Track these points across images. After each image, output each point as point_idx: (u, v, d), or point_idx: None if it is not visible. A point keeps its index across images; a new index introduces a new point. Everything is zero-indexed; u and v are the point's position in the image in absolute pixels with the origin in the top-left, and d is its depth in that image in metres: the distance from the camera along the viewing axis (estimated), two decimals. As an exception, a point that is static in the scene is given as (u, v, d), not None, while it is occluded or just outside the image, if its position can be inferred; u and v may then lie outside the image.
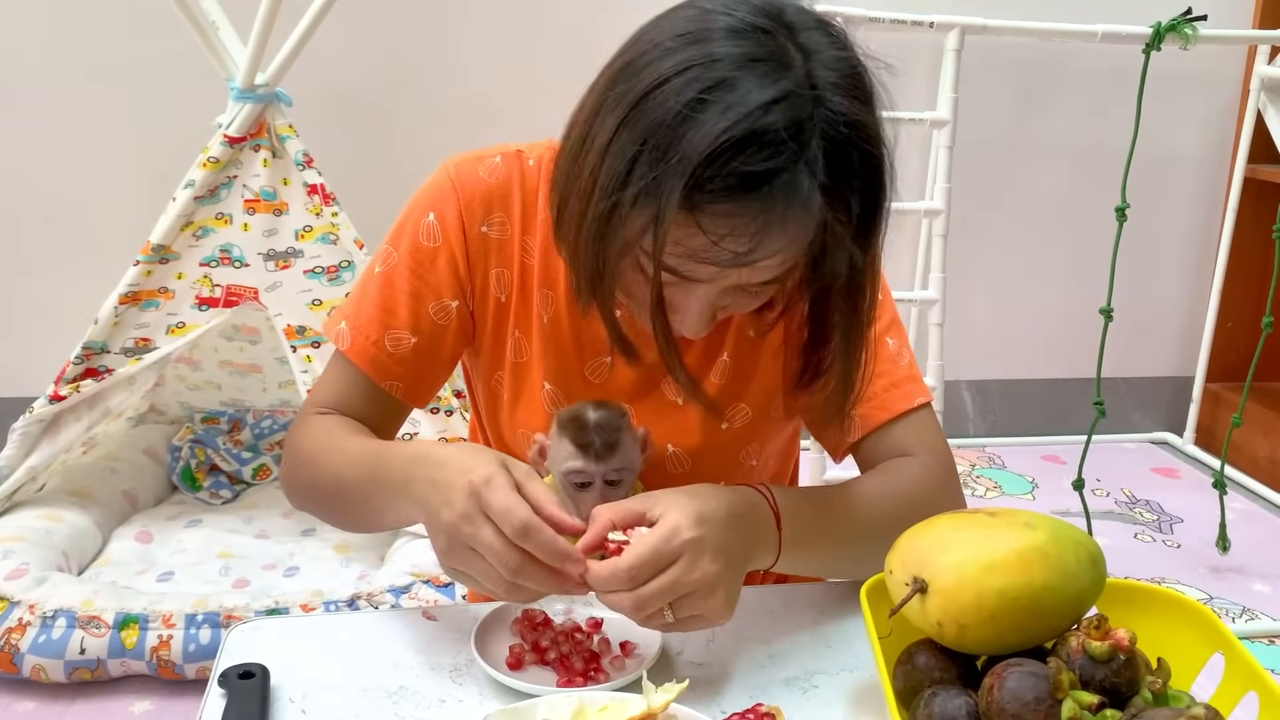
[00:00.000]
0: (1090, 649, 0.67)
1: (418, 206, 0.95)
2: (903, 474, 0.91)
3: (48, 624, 1.67)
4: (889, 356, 0.95)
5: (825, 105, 0.72)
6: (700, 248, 0.73)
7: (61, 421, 1.90)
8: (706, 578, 0.72)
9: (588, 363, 0.96)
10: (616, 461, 0.86)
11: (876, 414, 0.94)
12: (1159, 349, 2.98)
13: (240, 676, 0.77)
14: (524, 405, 0.98)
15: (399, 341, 0.92)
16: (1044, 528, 0.72)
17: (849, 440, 0.95)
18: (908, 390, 0.94)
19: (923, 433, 0.94)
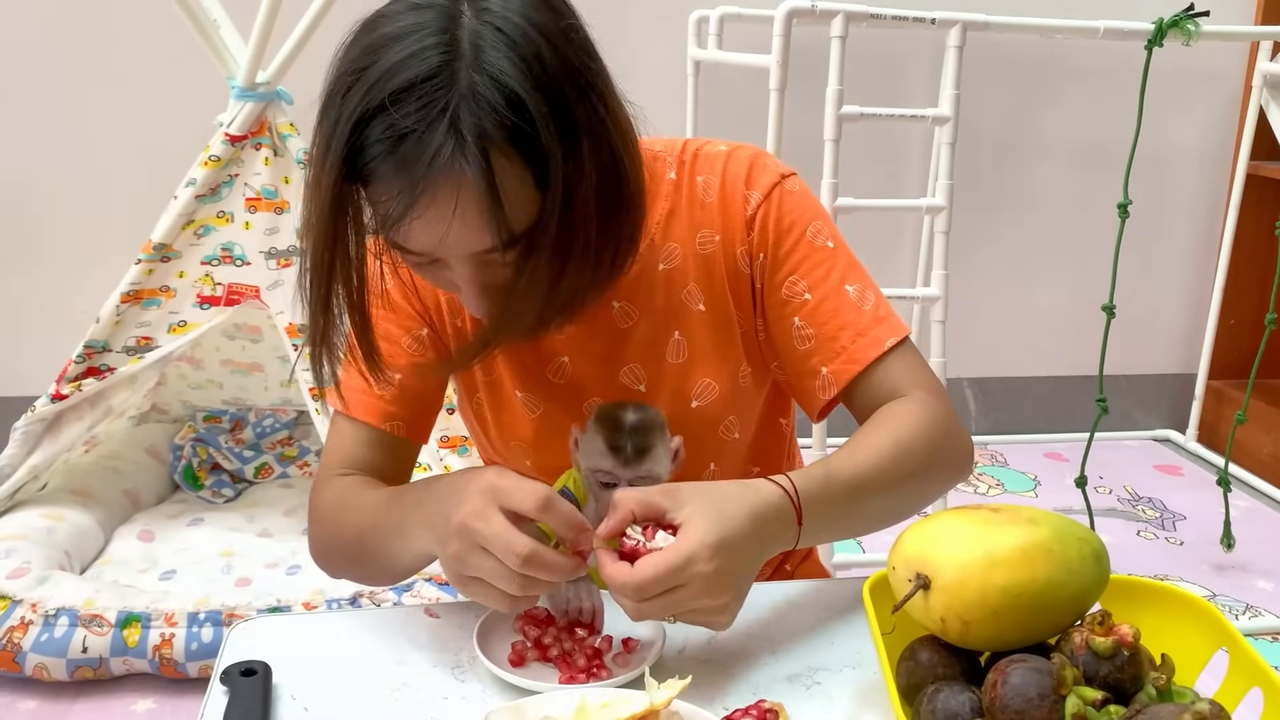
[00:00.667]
0: (1094, 645, 0.67)
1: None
2: (894, 422, 0.89)
3: (50, 623, 1.67)
4: (851, 305, 0.93)
5: (475, 64, 0.72)
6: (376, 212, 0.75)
7: (63, 420, 1.90)
8: (714, 604, 0.73)
9: (546, 365, 0.97)
10: (644, 469, 0.86)
11: (848, 368, 0.92)
12: (1161, 346, 2.97)
13: (242, 674, 0.77)
14: (506, 418, 0.99)
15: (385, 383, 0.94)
16: (1047, 524, 0.72)
17: (822, 398, 0.95)
18: (875, 335, 0.93)
19: (906, 370, 0.93)
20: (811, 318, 0.93)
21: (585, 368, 0.97)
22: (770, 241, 0.94)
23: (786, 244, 0.94)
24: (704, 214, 0.95)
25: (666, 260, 0.95)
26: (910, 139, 2.68)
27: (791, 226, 0.94)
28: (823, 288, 0.93)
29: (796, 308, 0.94)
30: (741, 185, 0.95)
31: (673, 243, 0.95)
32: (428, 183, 0.71)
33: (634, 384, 0.97)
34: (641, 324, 0.96)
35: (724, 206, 0.95)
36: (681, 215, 0.95)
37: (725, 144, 0.98)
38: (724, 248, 0.95)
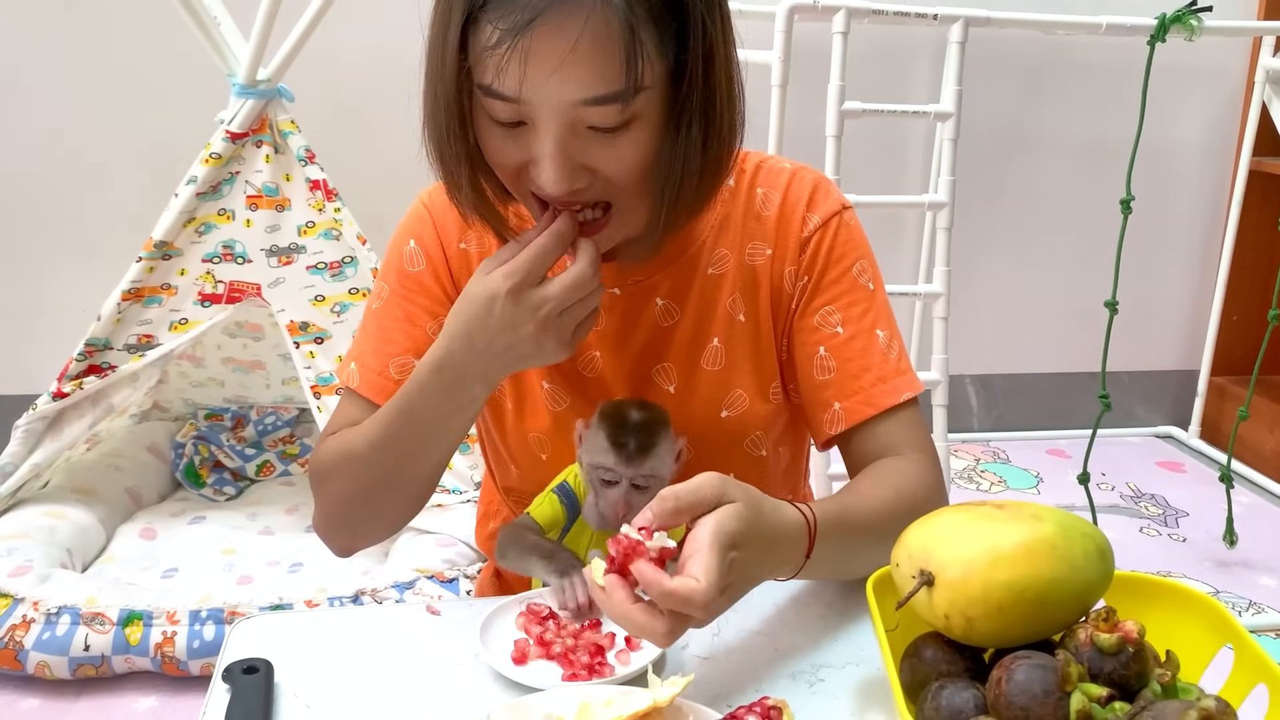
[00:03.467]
0: (1098, 641, 0.67)
1: (399, 238, 0.98)
2: (897, 478, 0.91)
3: (52, 621, 1.67)
4: (879, 350, 0.94)
5: None
6: (490, 44, 0.73)
7: (64, 419, 1.90)
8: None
9: (578, 359, 0.96)
10: (647, 467, 0.86)
11: (862, 409, 0.93)
12: (1163, 342, 2.97)
13: (244, 672, 0.77)
14: (528, 410, 0.98)
15: (403, 367, 0.94)
16: (1051, 520, 0.71)
17: (828, 431, 0.95)
18: (895, 385, 0.94)
19: (909, 430, 0.94)
20: (838, 352, 0.94)
21: (619, 363, 0.96)
22: (818, 268, 0.94)
23: (832, 274, 0.94)
24: (759, 226, 0.95)
25: (716, 265, 0.95)
26: (912, 136, 2.68)
27: (840, 258, 0.94)
28: (855, 325, 0.94)
29: (825, 338, 0.94)
30: (803, 206, 0.95)
31: (723, 249, 0.95)
32: (560, 12, 0.70)
33: (665, 384, 0.96)
34: (683, 324, 0.95)
35: (781, 223, 0.95)
36: (735, 223, 0.95)
37: (789, 162, 0.99)
38: (773, 263, 0.95)
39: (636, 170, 0.79)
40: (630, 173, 0.79)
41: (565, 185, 0.77)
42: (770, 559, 0.75)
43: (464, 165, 0.81)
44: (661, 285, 0.94)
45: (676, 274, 0.94)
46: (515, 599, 0.86)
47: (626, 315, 0.94)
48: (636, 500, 0.86)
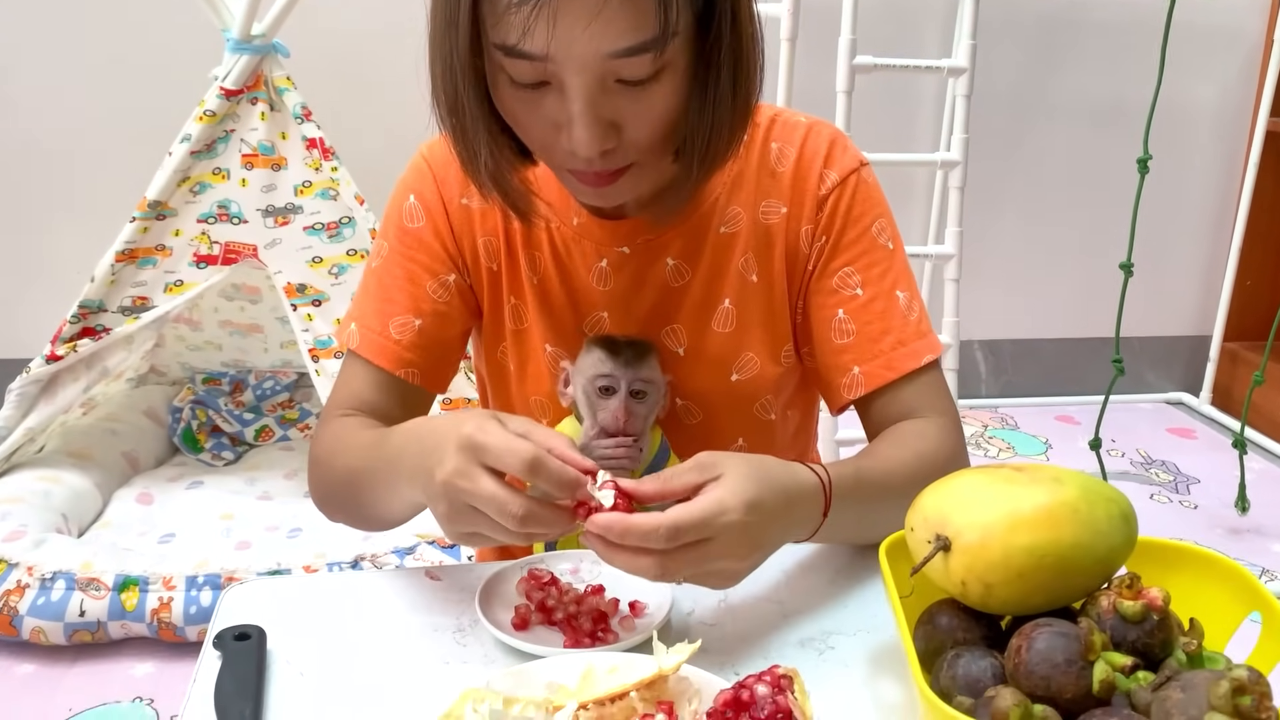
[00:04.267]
0: (1122, 609, 0.65)
1: (398, 193, 0.95)
2: (917, 440, 0.89)
3: (46, 586, 1.66)
4: (899, 312, 0.92)
5: None
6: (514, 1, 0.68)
7: (59, 382, 1.88)
8: (733, 566, 0.70)
9: (584, 319, 0.94)
10: (644, 371, 0.85)
11: (883, 373, 0.91)
12: (1176, 308, 2.94)
13: (236, 638, 0.75)
14: (531, 372, 0.96)
15: (404, 327, 0.91)
16: (1073, 483, 0.69)
17: (846, 397, 0.93)
18: (915, 348, 0.91)
19: (930, 393, 0.92)
20: (858, 315, 0.91)
21: (625, 323, 0.93)
22: (836, 227, 0.91)
23: (851, 234, 0.92)
24: (773, 183, 0.92)
25: (728, 224, 0.92)
26: (922, 95, 2.63)
27: (860, 217, 0.92)
28: (875, 287, 0.91)
29: (844, 300, 0.92)
30: (820, 162, 0.92)
31: (736, 206, 0.92)
32: None
33: (674, 346, 0.94)
34: (694, 285, 0.93)
35: (797, 180, 0.92)
36: (749, 180, 0.92)
37: (804, 116, 0.95)
38: (789, 222, 0.92)
39: (665, 124, 0.76)
40: (659, 127, 0.76)
41: (598, 146, 0.74)
42: (787, 520, 0.74)
43: (483, 134, 0.78)
44: (672, 244, 0.91)
45: (688, 233, 0.91)
46: (516, 564, 0.84)
47: (636, 275, 0.92)
48: (635, 409, 0.85)
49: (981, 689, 0.63)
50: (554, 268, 0.93)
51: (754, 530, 0.69)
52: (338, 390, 0.94)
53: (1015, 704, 0.58)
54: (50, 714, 1.58)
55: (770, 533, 0.72)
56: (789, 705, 0.57)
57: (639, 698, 0.63)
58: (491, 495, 0.66)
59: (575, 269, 0.93)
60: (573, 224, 0.91)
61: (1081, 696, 0.60)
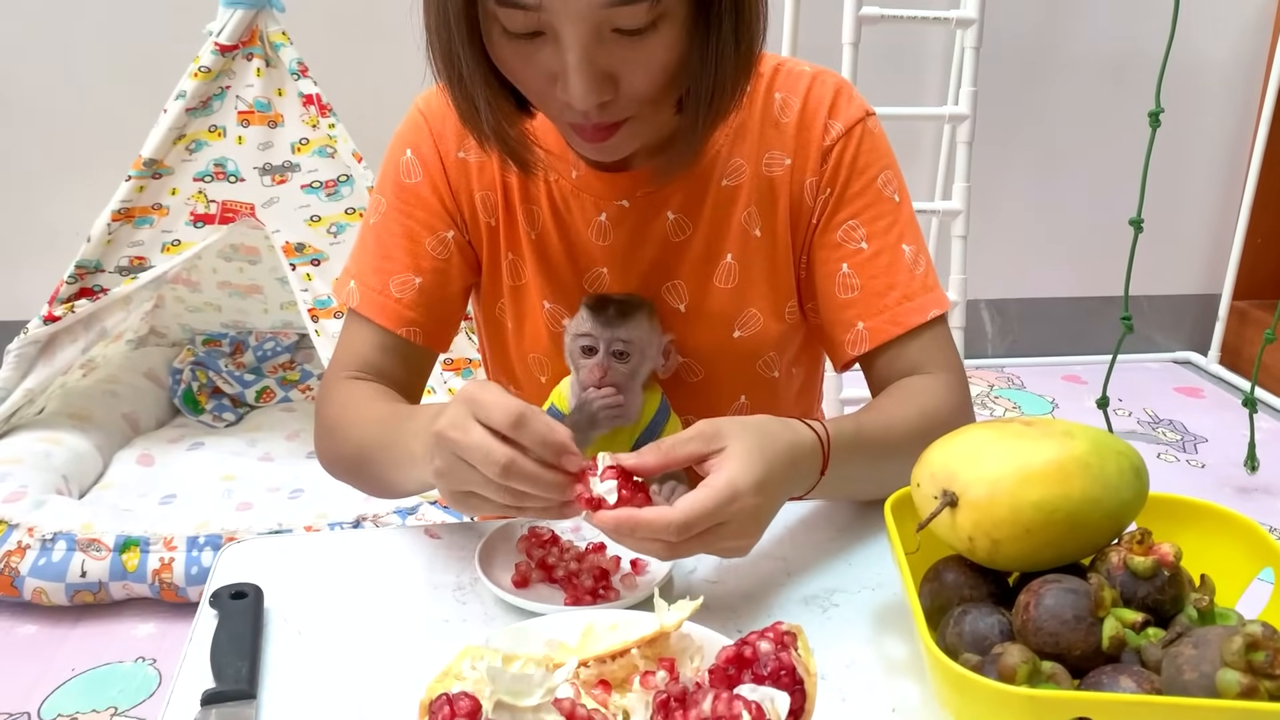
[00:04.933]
0: (1132, 564, 0.64)
1: (395, 147, 0.93)
2: (921, 396, 0.88)
3: (47, 547, 1.66)
4: (905, 266, 0.90)
5: None
6: None
7: (57, 343, 1.87)
8: (743, 543, 0.70)
9: (583, 275, 0.92)
10: (625, 331, 0.83)
11: (888, 328, 0.89)
12: (1185, 266, 2.91)
13: (232, 597, 0.74)
14: (528, 329, 0.95)
15: (405, 285, 0.90)
16: (1084, 437, 0.67)
17: (850, 353, 0.91)
18: (922, 303, 0.90)
19: (936, 349, 0.90)
20: (862, 269, 0.89)
21: (625, 279, 0.92)
22: (841, 179, 0.89)
23: (856, 186, 0.90)
24: (777, 134, 0.90)
25: (731, 176, 0.90)
26: (930, 47, 2.58)
27: (865, 168, 0.90)
28: (880, 240, 0.89)
29: (849, 254, 0.90)
30: (824, 112, 0.89)
31: (739, 159, 0.89)
32: None
33: (675, 302, 0.92)
34: (695, 240, 0.91)
35: (801, 131, 0.90)
36: (752, 131, 0.90)
37: (809, 65, 0.92)
38: (793, 174, 0.90)
39: (664, 76, 0.74)
40: (657, 79, 0.74)
41: (594, 98, 0.72)
42: (790, 484, 0.73)
43: (480, 85, 0.76)
44: (673, 198, 0.89)
45: (689, 186, 0.89)
46: (517, 522, 0.83)
47: (636, 229, 0.90)
48: (616, 369, 0.84)
49: (988, 646, 0.62)
50: (552, 222, 0.91)
51: (763, 510, 0.69)
52: (340, 351, 0.93)
53: (1023, 661, 0.57)
54: (53, 674, 1.59)
55: (776, 503, 0.72)
56: (792, 661, 0.56)
57: (640, 655, 0.62)
58: (478, 443, 0.65)
59: (574, 223, 0.91)
60: (571, 177, 0.89)
61: (1091, 653, 0.60)
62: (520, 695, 0.54)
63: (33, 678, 1.58)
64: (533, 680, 0.54)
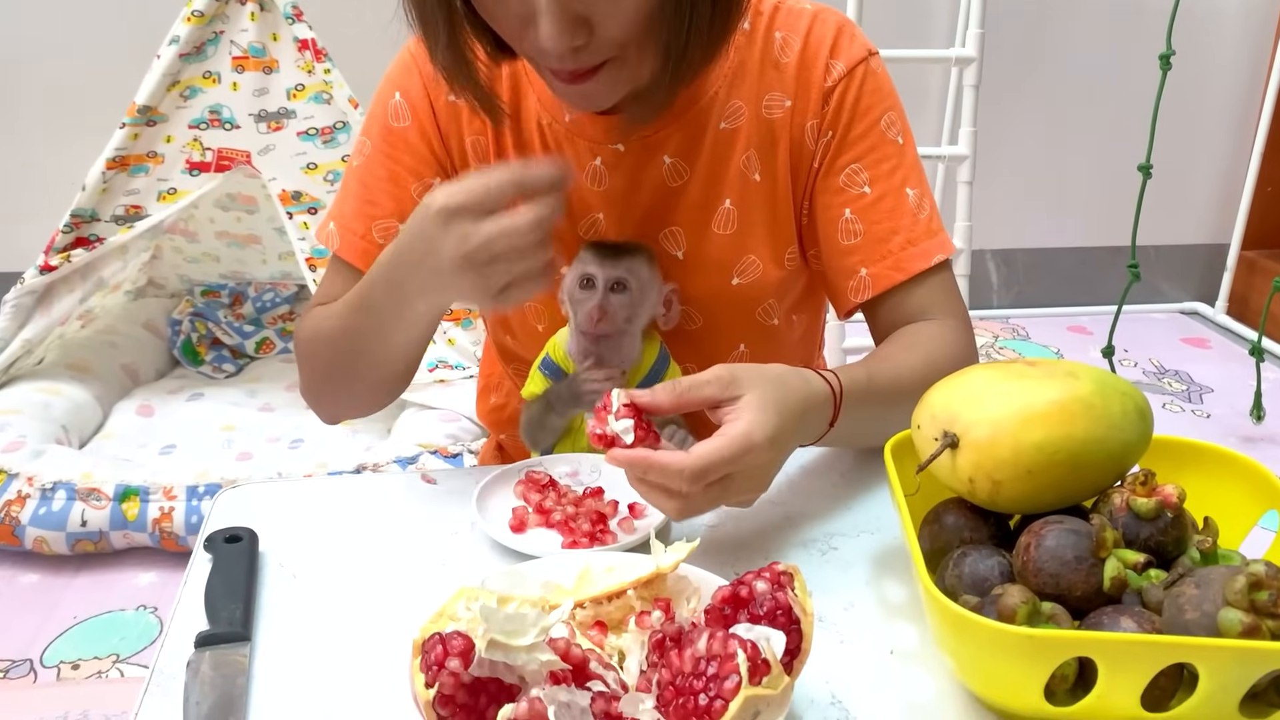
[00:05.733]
0: (1135, 506, 0.63)
1: (384, 89, 0.91)
2: (927, 343, 0.86)
3: (47, 496, 1.66)
4: (909, 210, 0.88)
5: None
6: None
7: (54, 293, 1.87)
8: (750, 496, 0.70)
9: (579, 222, 0.91)
10: (622, 268, 0.82)
11: (891, 274, 0.88)
12: (1193, 216, 2.87)
13: (227, 541, 0.74)
14: None
15: (387, 230, 0.89)
16: (1088, 377, 0.66)
17: (853, 300, 0.90)
18: (925, 248, 0.88)
19: (941, 294, 0.89)
20: (865, 214, 0.88)
21: (621, 226, 0.90)
22: (843, 121, 0.87)
23: (859, 128, 0.87)
24: (777, 75, 0.87)
25: (729, 119, 0.87)
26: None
27: (868, 110, 0.87)
28: (884, 184, 0.87)
29: (852, 199, 0.88)
30: (825, 52, 0.87)
31: (738, 101, 0.87)
32: None
33: (673, 249, 0.91)
34: (693, 185, 0.89)
35: (802, 72, 0.87)
36: (751, 72, 0.87)
37: (809, 2, 0.90)
38: (793, 116, 0.88)
39: (639, 19, 0.71)
40: (631, 22, 0.71)
41: (566, 40, 0.70)
42: (801, 432, 0.73)
43: (443, 21, 0.74)
44: (669, 141, 0.87)
45: (686, 129, 0.87)
46: (514, 466, 0.83)
47: (631, 174, 0.88)
48: (613, 305, 0.83)
49: (988, 588, 0.61)
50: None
51: (774, 463, 0.69)
52: (320, 294, 0.91)
53: (1023, 601, 0.57)
54: (55, 622, 1.60)
55: (787, 453, 0.71)
56: (789, 601, 0.55)
57: (636, 596, 0.62)
58: (499, 228, 0.68)
59: None
60: (564, 120, 0.87)
61: (1091, 594, 0.59)
62: (514, 635, 0.53)
63: (35, 626, 1.59)
64: (527, 620, 0.54)
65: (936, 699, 0.60)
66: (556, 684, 0.53)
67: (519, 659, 0.53)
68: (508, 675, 0.53)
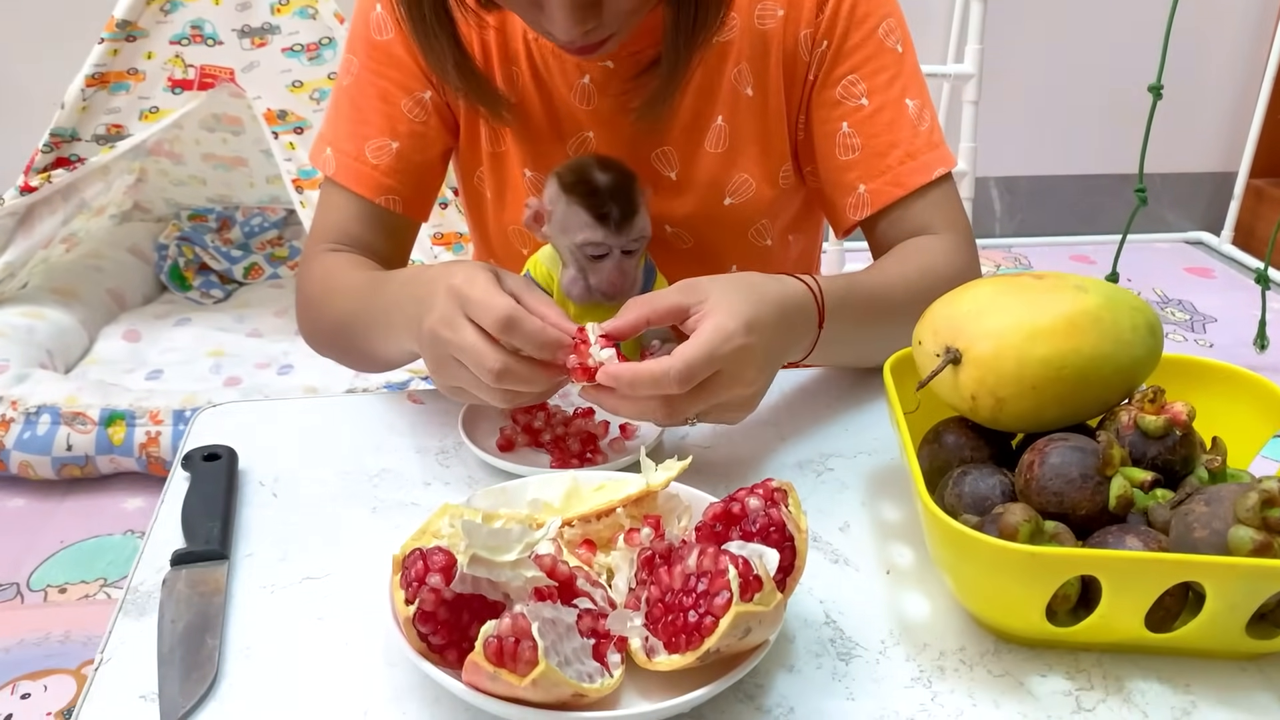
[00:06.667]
0: (1143, 424, 0.61)
1: (364, 1, 0.87)
2: (923, 255, 0.84)
3: (32, 420, 1.65)
4: (909, 122, 0.84)
5: None
6: None
7: (35, 215, 1.83)
8: (747, 392, 0.66)
9: (567, 141, 0.87)
10: (635, 231, 0.78)
11: (890, 190, 0.85)
12: (1201, 143, 2.82)
13: (205, 459, 0.72)
14: (509, 199, 0.91)
15: (381, 150, 0.86)
16: (1096, 291, 0.64)
17: (851, 218, 0.87)
18: (926, 161, 0.85)
19: (942, 209, 0.86)
20: (863, 127, 0.84)
21: (612, 146, 0.87)
22: (839, 31, 0.83)
23: (855, 37, 0.84)
24: None
25: (721, 31, 0.83)
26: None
27: (865, 18, 0.83)
28: (882, 95, 0.84)
29: (849, 112, 0.85)
30: None
31: (730, 11, 0.83)
32: None
33: (665, 170, 0.88)
34: (683, 101, 0.85)
35: None
36: None
37: None
38: (786, 26, 0.84)
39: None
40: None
41: (579, 29, 0.69)
42: (787, 334, 0.69)
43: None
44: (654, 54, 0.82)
45: None
46: (502, 386, 0.80)
47: (621, 92, 0.84)
48: (628, 265, 0.79)
49: (989, 507, 0.59)
50: (533, 85, 0.86)
51: (758, 352, 0.65)
52: (319, 221, 0.89)
53: (1025, 519, 0.55)
54: (42, 546, 1.60)
55: (773, 350, 0.68)
56: (782, 518, 0.53)
57: (626, 514, 0.60)
58: (470, 346, 0.63)
59: (555, 86, 0.86)
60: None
61: (1096, 513, 0.57)
62: (498, 550, 0.51)
63: (21, 550, 1.59)
64: (511, 535, 0.52)
65: (933, 618, 0.59)
66: (542, 600, 0.52)
67: (503, 575, 0.51)
68: (491, 592, 0.52)
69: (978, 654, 0.56)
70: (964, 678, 0.55)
